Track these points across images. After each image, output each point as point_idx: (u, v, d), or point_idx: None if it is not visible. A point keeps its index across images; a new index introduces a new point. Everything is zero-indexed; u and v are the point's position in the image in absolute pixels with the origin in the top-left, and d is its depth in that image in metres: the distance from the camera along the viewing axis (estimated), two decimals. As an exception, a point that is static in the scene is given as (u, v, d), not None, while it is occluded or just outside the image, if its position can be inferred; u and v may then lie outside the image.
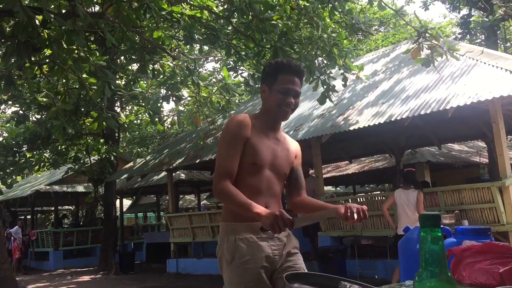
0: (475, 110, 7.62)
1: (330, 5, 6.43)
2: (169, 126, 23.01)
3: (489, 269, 1.57)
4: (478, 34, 16.55)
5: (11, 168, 13.19)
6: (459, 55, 6.49)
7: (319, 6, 6.50)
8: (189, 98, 8.88)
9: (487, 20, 11.67)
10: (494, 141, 7.62)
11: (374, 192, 20.93)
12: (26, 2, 5.68)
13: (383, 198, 9.18)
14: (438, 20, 38.30)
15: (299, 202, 2.32)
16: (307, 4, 6.44)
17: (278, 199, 2.25)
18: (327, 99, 7.56)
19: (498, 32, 15.25)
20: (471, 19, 13.84)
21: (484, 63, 8.07)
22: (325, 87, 7.13)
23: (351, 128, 8.28)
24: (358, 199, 9.83)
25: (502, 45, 19.02)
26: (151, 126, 10.74)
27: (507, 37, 19.46)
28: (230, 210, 2.18)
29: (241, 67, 9.89)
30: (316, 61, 7.14)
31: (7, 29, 5.59)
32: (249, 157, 2.12)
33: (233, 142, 2.11)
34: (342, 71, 7.21)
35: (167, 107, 45.33)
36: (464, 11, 14.45)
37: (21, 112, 7.95)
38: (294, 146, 2.37)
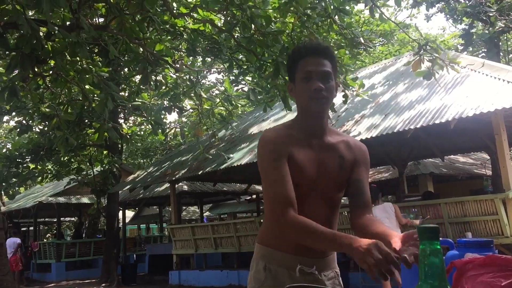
0: (478, 122, 7.62)
1: (330, 19, 6.45)
2: (171, 137, 23.04)
3: (492, 282, 1.56)
4: (480, 46, 16.58)
5: (14, 179, 13.22)
6: (459, 68, 6.50)
7: (321, 20, 6.53)
8: (191, 110, 8.90)
9: (487, 32, 11.70)
10: (497, 153, 7.60)
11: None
12: (30, 14, 5.73)
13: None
14: (439, 32, 38.43)
15: (359, 226, 1.68)
16: (309, 19, 6.47)
17: (330, 227, 1.66)
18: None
19: (499, 44, 15.28)
20: (472, 31, 13.89)
21: (486, 75, 8.09)
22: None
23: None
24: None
25: (504, 57, 19.05)
26: (154, 137, 10.76)
27: (509, 49, 19.49)
28: (267, 229, 1.79)
29: (243, 81, 9.94)
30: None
31: (12, 41, 5.64)
32: (293, 178, 1.64)
33: (275, 161, 1.64)
34: (342, 87, 7.23)
35: (170, 118, 45.45)
36: (465, 24, 14.50)
37: (24, 122, 7.98)
38: (352, 151, 1.79)
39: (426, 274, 0.86)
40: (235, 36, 7.02)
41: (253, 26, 6.24)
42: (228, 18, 6.71)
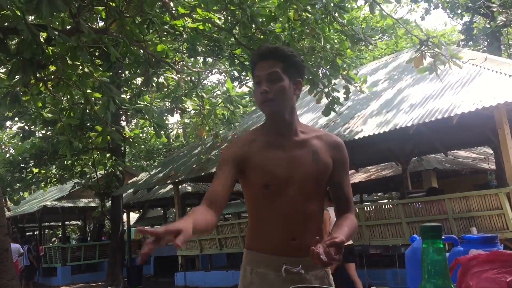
0: (480, 116, 7.60)
1: (329, 16, 6.44)
2: (174, 139, 23.08)
3: (497, 278, 1.55)
4: (481, 41, 16.52)
5: (18, 184, 13.25)
6: (461, 63, 6.48)
7: (321, 17, 6.52)
8: (193, 111, 8.91)
9: (489, 26, 11.66)
10: (501, 147, 7.59)
11: (382, 201, 20.80)
12: (30, 19, 5.74)
13: (391, 206, 9.13)
14: (440, 27, 38.35)
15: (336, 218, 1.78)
16: (310, 16, 6.46)
17: (313, 223, 1.72)
18: (332, 111, 7.54)
19: (501, 38, 15.22)
20: (473, 26, 13.84)
21: (488, 69, 8.06)
22: (329, 99, 7.13)
23: (356, 137, 8.26)
24: (365, 207, 9.77)
25: (506, 51, 18.98)
26: (157, 139, 10.77)
27: (511, 42, 19.42)
28: (250, 233, 1.81)
29: (246, 77, 9.94)
30: (320, 72, 7.14)
31: (12, 46, 5.65)
32: (259, 180, 1.68)
33: (219, 166, 1.73)
34: (344, 82, 7.21)
35: (172, 119, 45.50)
36: (466, 18, 14.44)
37: (26, 127, 8.00)
38: (328, 145, 1.77)
39: (429, 273, 0.86)
40: (236, 35, 7.02)
41: (253, 25, 6.24)
42: (228, 18, 6.71)
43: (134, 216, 24.29)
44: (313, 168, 1.71)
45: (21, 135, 8.19)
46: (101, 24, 8.04)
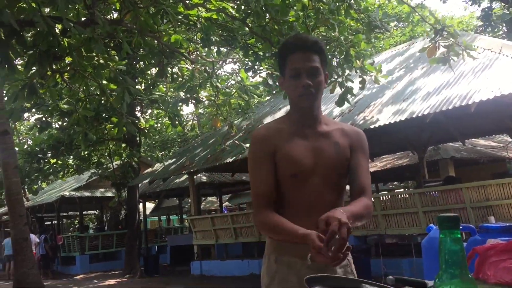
0: (499, 104, 7.48)
1: (345, 3, 6.37)
2: (189, 129, 23.17)
3: (515, 268, 1.53)
4: (500, 27, 16.20)
5: (36, 175, 13.46)
6: (476, 54, 6.36)
7: (335, 6, 6.45)
8: (207, 102, 8.93)
9: (508, 12, 11.43)
10: (519, 135, 7.47)
11: (398, 190, 20.69)
12: (46, 11, 5.79)
13: (407, 196, 9.08)
14: (459, 13, 37.67)
15: None
16: (324, 5, 6.40)
17: None
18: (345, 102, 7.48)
19: (520, 23, 14.90)
20: (492, 12, 13.59)
21: (506, 56, 7.91)
22: (343, 89, 7.07)
23: (371, 127, 8.20)
24: (381, 197, 9.72)
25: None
26: (172, 129, 10.83)
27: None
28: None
29: (260, 67, 9.92)
30: (334, 62, 7.08)
31: (29, 38, 5.70)
32: (287, 169, 1.71)
33: (258, 160, 1.74)
34: (359, 73, 7.14)
35: (187, 110, 45.63)
36: (485, 4, 14.19)
37: (43, 119, 8.10)
38: (348, 136, 1.81)
39: (446, 263, 0.85)
40: (249, 25, 6.99)
41: (267, 14, 6.20)
42: (242, 7, 6.67)
43: (150, 206, 24.55)
44: (335, 158, 1.74)
45: (38, 126, 8.29)
46: (115, 15, 8.07)
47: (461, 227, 0.91)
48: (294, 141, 1.74)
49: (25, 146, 14.59)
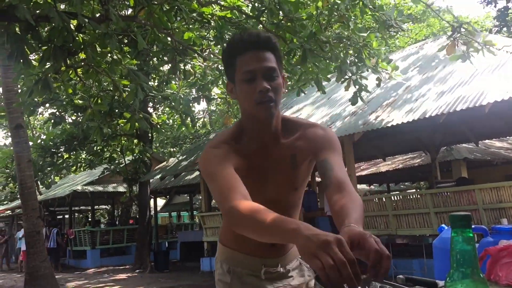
0: (514, 105, 7.39)
1: (361, 1, 6.35)
2: (201, 126, 23.24)
3: (527, 270, 1.52)
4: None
5: (49, 169, 13.60)
6: (496, 50, 6.30)
7: (351, 3, 6.43)
8: (219, 99, 8.95)
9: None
10: (534, 137, 7.38)
11: (409, 190, 20.57)
12: (61, 7, 5.84)
13: (418, 196, 9.02)
14: (475, 13, 37.26)
15: (332, 210, 1.31)
16: (339, 2, 6.37)
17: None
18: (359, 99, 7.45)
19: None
20: (508, 12, 13.42)
21: (522, 56, 7.82)
22: (357, 87, 7.05)
23: (384, 126, 8.16)
24: (393, 197, 9.66)
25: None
26: (183, 127, 10.88)
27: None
28: (226, 229, 1.68)
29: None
30: (348, 60, 7.06)
31: (44, 34, 5.76)
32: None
33: (221, 164, 1.42)
34: (371, 72, 7.10)
35: (199, 107, 45.74)
36: (501, 4, 14.03)
37: (57, 113, 8.19)
38: (309, 143, 1.51)
39: (458, 262, 0.84)
40: (263, 22, 6.98)
41: (280, 12, 6.19)
42: (256, 5, 6.67)
43: (161, 202, 24.68)
44: (290, 172, 1.54)
45: (52, 121, 8.38)
46: (129, 11, 8.11)
47: (473, 228, 0.90)
48: (245, 158, 1.47)
49: (39, 141, 14.74)
